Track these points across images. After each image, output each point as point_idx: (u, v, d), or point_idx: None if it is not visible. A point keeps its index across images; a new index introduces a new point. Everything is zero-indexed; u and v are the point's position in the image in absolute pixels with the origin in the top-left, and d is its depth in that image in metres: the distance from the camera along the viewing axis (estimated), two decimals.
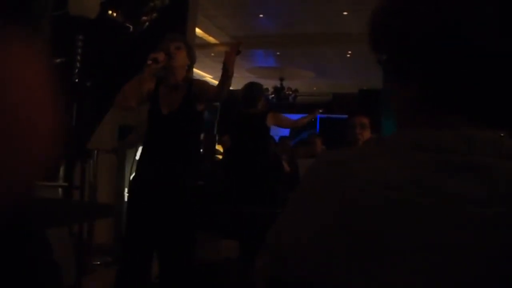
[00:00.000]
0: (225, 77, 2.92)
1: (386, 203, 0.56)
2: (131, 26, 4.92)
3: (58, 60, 3.83)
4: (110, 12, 4.67)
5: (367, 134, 3.43)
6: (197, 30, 7.43)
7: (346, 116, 3.96)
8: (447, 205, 0.53)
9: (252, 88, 4.34)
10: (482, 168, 0.54)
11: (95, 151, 4.26)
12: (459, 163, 0.55)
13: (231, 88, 3.09)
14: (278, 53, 11.57)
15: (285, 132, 12.43)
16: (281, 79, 13.13)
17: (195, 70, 3.18)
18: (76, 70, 4.12)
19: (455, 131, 0.58)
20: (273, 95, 13.30)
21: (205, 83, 3.18)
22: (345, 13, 8.16)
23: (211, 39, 10.03)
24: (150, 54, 2.95)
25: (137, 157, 3.25)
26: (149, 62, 2.92)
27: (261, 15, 8.72)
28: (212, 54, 10.77)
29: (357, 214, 0.58)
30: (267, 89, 12.67)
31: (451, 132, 0.58)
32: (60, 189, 3.92)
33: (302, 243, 0.62)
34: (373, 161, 0.61)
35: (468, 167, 0.55)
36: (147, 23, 5.06)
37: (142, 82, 2.95)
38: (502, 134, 0.57)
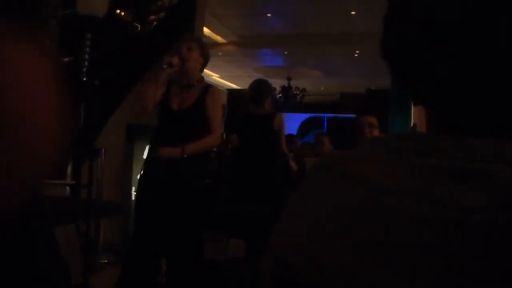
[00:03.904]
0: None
1: (382, 210, 0.56)
2: (139, 25, 4.93)
3: (66, 59, 3.85)
4: (118, 11, 4.68)
5: (376, 134, 3.41)
6: (205, 29, 7.45)
7: (353, 115, 3.94)
8: (446, 213, 0.52)
9: (260, 87, 4.32)
10: (482, 174, 0.53)
11: (103, 150, 4.27)
12: (459, 170, 0.54)
13: (239, 87, 3.10)
14: (285, 52, 11.56)
15: (293, 130, 12.43)
16: (289, 79, 13.12)
17: None
18: (84, 69, 4.14)
19: (455, 137, 0.57)
20: (280, 95, 13.29)
21: (216, 101, 3.12)
22: (353, 12, 8.14)
23: (219, 39, 10.04)
24: (165, 58, 2.97)
25: (145, 156, 3.26)
26: (164, 66, 2.93)
27: (269, 15, 8.71)
28: (220, 54, 10.78)
29: (352, 219, 0.58)
30: (274, 89, 12.68)
31: (451, 138, 0.57)
32: (68, 187, 3.94)
33: (301, 246, 0.62)
34: (369, 164, 0.60)
35: (468, 174, 0.53)
36: (155, 23, 5.07)
37: (158, 87, 2.97)
38: (503, 139, 0.56)
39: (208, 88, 3.08)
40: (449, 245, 0.51)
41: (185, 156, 2.89)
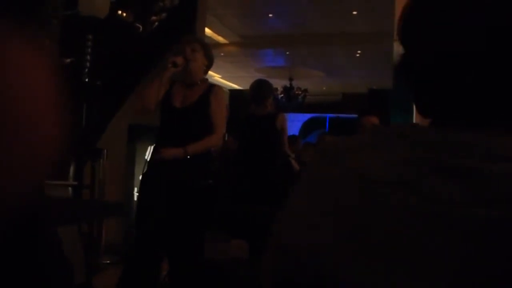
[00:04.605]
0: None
1: (378, 201, 0.58)
2: (140, 26, 4.94)
3: (68, 60, 3.85)
4: (120, 12, 4.69)
5: None
6: (206, 30, 7.44)
7: (355, 115, 3.95)
8: (434, 206, 0.54)
9: (260, 87, 4.32)
10: (468, 170, 0.55)
11: (105, 150, 4.28)
12: (448, 165, 0.56)
13: (240, 87, 3.09)
14: (287, 52, 11.56)
15: (295, 130, 12.43)
16: (291, 79, 13.11)
17: None
18: (86, 70, 4.14)
19: (447, 133, 0.59)
20: (282, 95, 13.28)
21: (221, 101, 3.12)
22: (354, 12, 8.13)
23: (220, 39, 10.04)
24: (169, 57, 2.96)
25: (147, 157, 3.26)
26: (169, 65, 2.93)
27: (270, 15, 8.71)
28: (222, 54, 10.78)
29: (352, 209, 0.60)
30: (276, 89, 12.67)
31: (443, 134, 0.60)
32: (70, 188, 3.94)
33: (305, 238, 0.63)
34: (368, 155, 0.62)
35: (456, 169, 0.55)
36: (156, 23, 5.08)
37: (161, 86, 2.96)
38: (490, 136, 0.59)
39: (212, 87, 3.08)
40: (434, 237, 0.53)
41: (188, 156, 2.89)
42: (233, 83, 14.72)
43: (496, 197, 0.52)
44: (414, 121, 9.58)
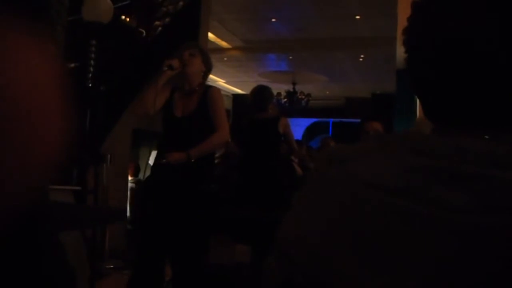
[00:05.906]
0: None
1: (381, 207, 0.58)
2: (144, 31, 4.95)
3: (72, 65, 3.87)
4: (123, 17, 4.70)
5: None
6: (210, 34, 7.45)
7: (358, 120, 3.94)
8: (437, 213, 0.54)
9: (262, 92, 4.34)
10: (471, 177, 0.55)
11: (109, 155, 4.28)
12: (453, 172, 0.56)
13: (243, 92, 3.08)
14: (290, 57, 11.57)
15: (298, 135, 12.43)
16: (294, 83, 13.12)
17: None
18: (90, 75, 4.15)
19: (452, 140, 0.59)
20: (285, 100, 13.29)
21: (217, 101, 3.08)
22: (357, 17, 8.14)
23: (223, 44, 10.06)
24: (165, 60, 2.96)
25: (150, 162, 3.26)
26: (165, 68, 2.93)
27: (273, 19, 8.73)
28: (225, 59, 10.80)
29: (355, 215, 0.60)
30: (279, 94, 12.69)
31: (448, 140, 0.60)
32: (72, 193, 3.95)
33: (309, 243, 0.63)
34: (372, 161, 0.63)
35: (458, 176, 0.55)
36: (160, 28, 5.09)
37: (159, 90, 2.95)
38: (496, 142, 0.59)
39: (208, 89, 3.07)
40: (436, 244, 0.53)
41: (193, 160, 2.88)
42: (236, 87, 14.73)
43: (500, 204, 0.52)
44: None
